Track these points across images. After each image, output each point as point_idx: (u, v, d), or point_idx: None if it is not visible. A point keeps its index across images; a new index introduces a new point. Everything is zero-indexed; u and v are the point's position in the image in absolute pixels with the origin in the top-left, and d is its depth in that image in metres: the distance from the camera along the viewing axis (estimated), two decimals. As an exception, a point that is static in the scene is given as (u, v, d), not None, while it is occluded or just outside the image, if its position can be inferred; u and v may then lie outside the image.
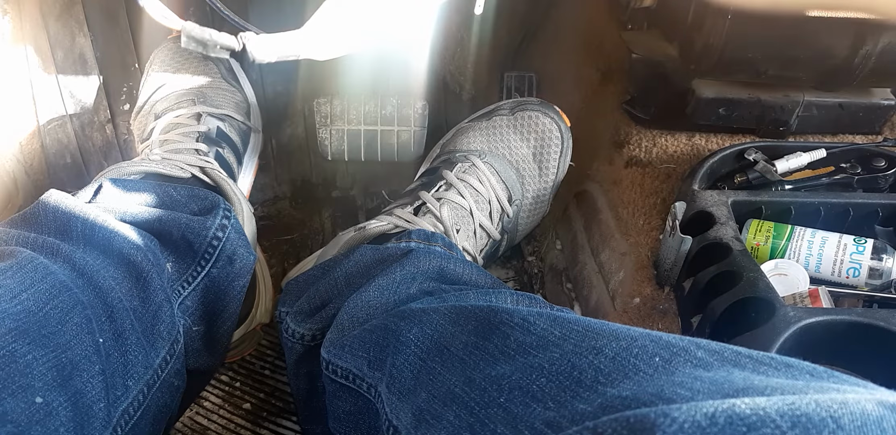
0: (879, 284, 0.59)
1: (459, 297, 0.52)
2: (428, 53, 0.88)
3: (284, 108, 0.93)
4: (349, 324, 0.53)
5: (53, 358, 0.45)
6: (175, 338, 0.58)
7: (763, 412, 0.24)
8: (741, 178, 0.69)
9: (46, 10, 0.86)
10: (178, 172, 0.69)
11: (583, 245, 0.81)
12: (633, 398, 0.29)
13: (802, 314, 0.51)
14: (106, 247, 0.56)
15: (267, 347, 0.81)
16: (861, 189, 0.68)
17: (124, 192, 0.63)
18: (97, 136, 0.92)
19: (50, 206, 0.57)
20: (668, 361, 0.33)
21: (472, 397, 0.37)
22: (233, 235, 0.64)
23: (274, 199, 0.97)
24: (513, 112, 0.77)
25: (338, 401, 0.52)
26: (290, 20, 0.62)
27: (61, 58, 0.88)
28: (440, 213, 0.68)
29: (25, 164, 0.88)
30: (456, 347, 0.42)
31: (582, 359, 0.34)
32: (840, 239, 0.61)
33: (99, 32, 0.88)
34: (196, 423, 0.74)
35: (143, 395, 0.53)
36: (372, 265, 0.60)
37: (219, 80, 0.82)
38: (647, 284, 0.67)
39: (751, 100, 0.75)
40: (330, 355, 0.52)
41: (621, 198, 0.76)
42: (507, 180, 0.74)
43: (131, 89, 0.90)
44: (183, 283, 0.61)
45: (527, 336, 0.39)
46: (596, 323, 0.38)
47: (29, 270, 0.49)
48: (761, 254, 0.62)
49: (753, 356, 0.33)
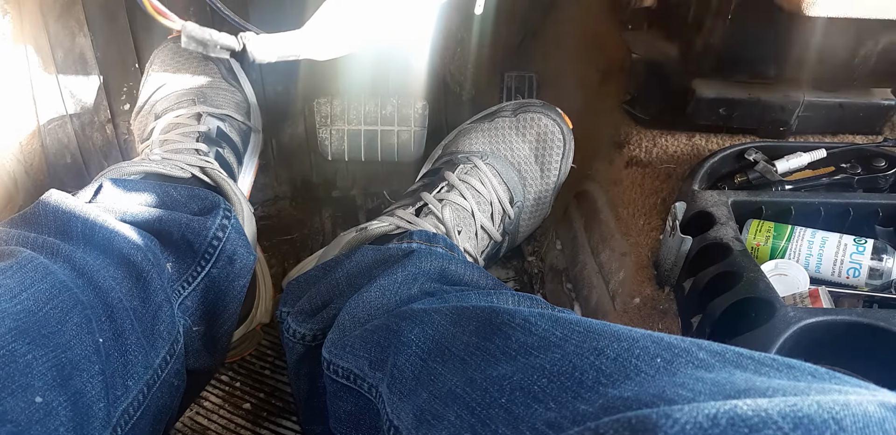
0: (879, 284, 0.59)
1: (461, 297, 0.52)
2: (428, 53, 0.88)
3: (284, 108, 0.93)
4: (350, 324, 0.53)
5: (53, 358, 0.45)
6: (175, 338, 0.58)
7: (765, 413, 0.24)
8: (741, 178, 0.69)
9: (46, 10, 0.86)
10: (178, 172, 0.69)
11: (583, 245, 0.81)
12: (634, 399, 0.29)
13: (802, 314, 0.51)
14: (106, 247, 0.56)
15: (267, 347, 0.81)
16: (861, 189, 0.68)
17: (124, 192, 0.63)
18: (97, 136, 0.92)
19: (50, 205, 0.57)
20: (669, 362, 0.33)
21: (473, 398, 0.37)
22: (233, 234, 0.64)
23: (274, 199, 0.97)
24: (515, 114, 0.76)
25: (339, 401, 0.52)
26: (290, 20, 0.62)
27: (61, 58, 0.88)
28: (442, 214, 0.68)
29: (26, 164, 0.88)
30: (457, 348, 0.42)
31: (583, 360, 0.34)
32: (840, 239, 0.61)
33: (99, 32, 0.88)
34: (196, 423, 0.74)
35: (143, 395, 0.53)
36: (373, 266, 0.60)
37: (219, 80, 0.82)
38: (648, 285, 0.67)
39: (751, 100, 0.75)
40: (331, 355, 0.52)
41: (621, 198, 0.76)
42: (509, 182, 0.74)
43: (131, 89, 0.90)
44: (183, 283, 0.61)
45: (528, 337, 0.39)
46: (597, 324, 0.38)
47: (29, 270, 0.49)
48: (761, 254, 0.62)
49: (755, 357, 0.33)
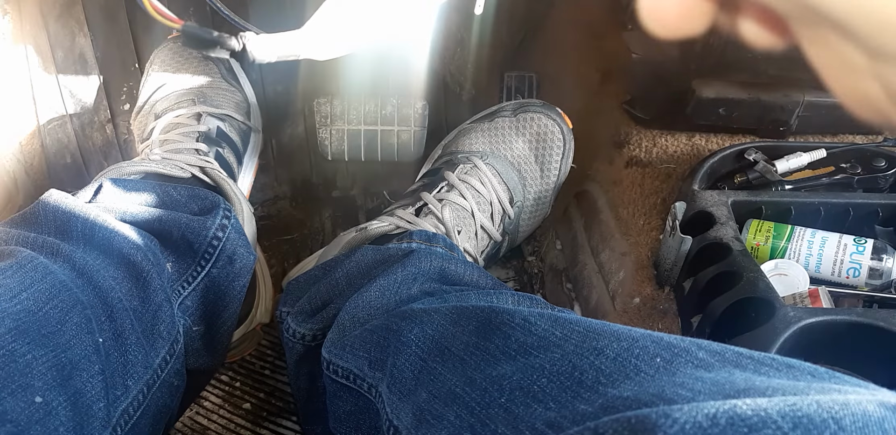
0: (879, 284, 0.59)
1: (460, 297, 0.52)
2: (428, 53, 0.87)
3: (284, 108, 0.93)
4: (350, 324, 0.53)
5: (53, 357, 0.45)
6: (175, 338, 0.58)
7: (764, 413, 0.24)
8: (741, 178, 0.69)
9: (46, 10, 0.86)
10: (178, 172, 0.69)
11: (583, 245, 0.81)
12: (634, 399, 0.29)
13: (802, 314, 0.51)
14: (106, 247, 0.56)
15: (267, 347, 0.81)
16: (861, 189, 0.68)
17: (124, 192, 0.63)
18: (97, 136, 0.92)
19: (50, 205, 0.57)
20: (669, 361, 0.33)
21: (472, 397, 0.37)
22: (233, 234, 0.64)
23: (274, 199, 0.97)
24: (515, 113, 0.76)
25: (338, 401, 0.52)
26: (290, 20, 0.62)
27: (61, 58, 0.88)
28: (442, 214, 0.68)
29: (25, 164, 0.88)
30: (457, 348, 0.42)
31: (583, 359, 0.34)
32: (840, 239, 0.61)
33: (99, 32, 0.88)
34: (196, 423, 0.74)
35: (143, 394, 0.53)
36: (373, 266, 0.60)
37: (219, 80, 0.82)
38: (648, 284, 0.67)
39: (751, 100, 0.75)
40: (331, 355, 0.52)
41: (621, 198, 0.76)
42: (509, 182, 0.74)
43: (131, 89, 0.90)
44: (183, 283, 0.61)
45: (528, 337, 0.39)
46: (597, 324, 0.38)
47: (29, 270, 0.49)
48: (761, 254, 0.62)
49: (755, 357, 0.33)
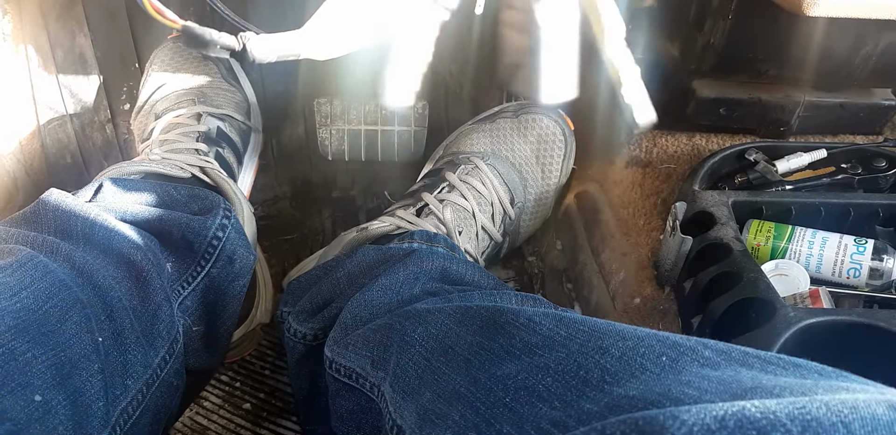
0: (880, 284, 0.59)
1: (464, 297, 0.52)
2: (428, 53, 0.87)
3: (284, 108, 0.93)
4: (352, 323, 0.53)
5: (52, 356, 0.45)
6: (174, 337, 0.58)
7: (773, 416, 0.24)
8: (742, 178, 0.69)
9: (46, 10, 0.86)
10: (178, 172, 0.69)
11: (583, 245, 0.81)
12: (639, 398, 0.29)
13: (803, 315, 0.51)
14: (106, 246, 0.56)
15: (267, 347, 0.80)
16: (862, 189, 0.68)
17: (124, 192, 0.63)
18: (97, 135, 0.91)
19: (50, 205, 0.57)
20: (674, 360, 0.33)
21: (477, 397, 0.37)
22: (233, 234, 0.64)
23: (274, 199, 0.97)
24: (516, 114, 0.76)
25: (340, 400, 0.52)
26: (290, 20, 0.62)
27: (61, 58, 0.88)
28: (443, 214, 0.68)
29: (25, 164, 0.87)
30: (461, 347, 0.42)
31: (588, 358, 0.34)
32: (841, 239, 0.61)
33: (99, 32, 0.88)
34: (196, 423, 0.74)
35: (142, 394, 0.53)
36: (374, 265, 0.60)
37: (219, 80, 0.82)
38: (648, 285, 0.67)
39: (751, 100, 0.75)
40: (333, 354, 0.52)
41: (622, 198, 0.76)
42: (510, 182, 0.74)
43: (131, 89, 0.90)
44: (183, 282, 0.61)
45: (532, 336, 0.39)
46: (602, 323, 0.38)
47: (29, 269, 0.49)
48: (762, 254, 0.62)
49: (761, 356, 0.32)
